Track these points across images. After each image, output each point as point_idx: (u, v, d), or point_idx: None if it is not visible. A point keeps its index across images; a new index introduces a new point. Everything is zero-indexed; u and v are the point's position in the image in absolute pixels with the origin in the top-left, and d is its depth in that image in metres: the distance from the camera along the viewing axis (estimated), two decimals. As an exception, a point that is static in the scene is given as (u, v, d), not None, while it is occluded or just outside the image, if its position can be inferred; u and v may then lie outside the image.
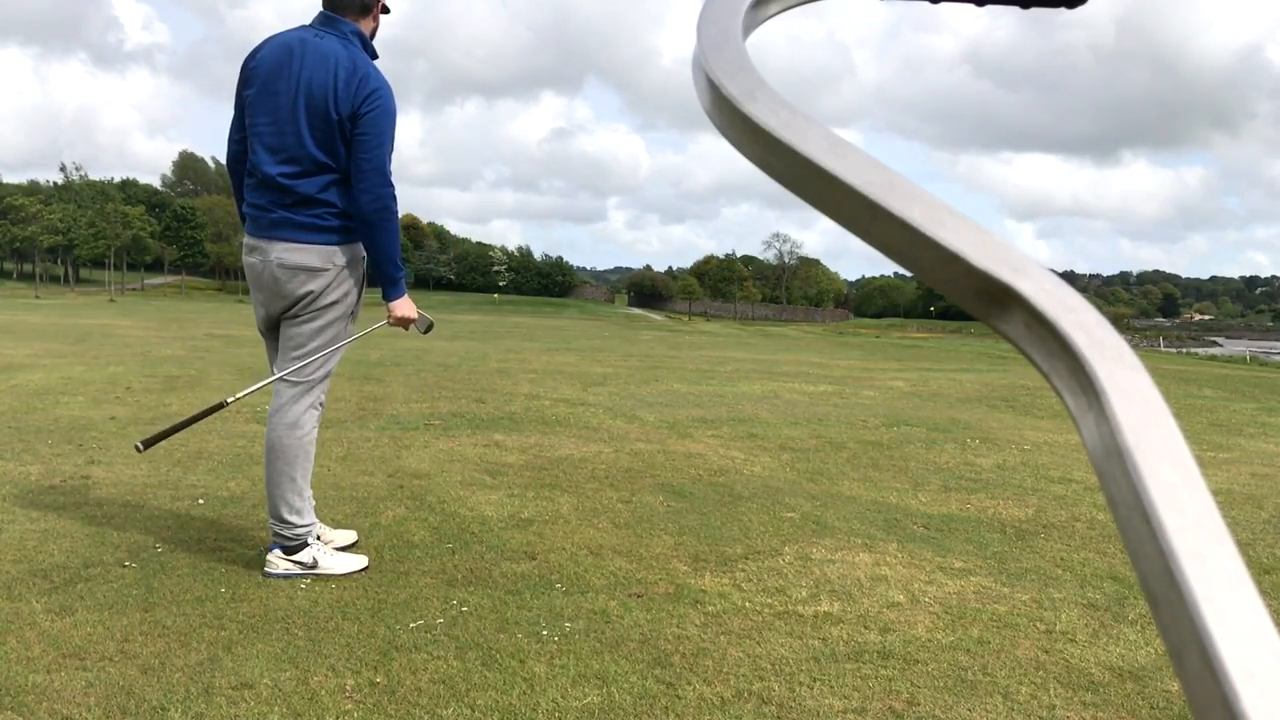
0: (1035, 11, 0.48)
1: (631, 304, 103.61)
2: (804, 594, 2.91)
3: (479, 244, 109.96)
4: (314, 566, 2.91)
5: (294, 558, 2.91)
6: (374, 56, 2.98)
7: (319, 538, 3.08)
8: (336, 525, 3.43)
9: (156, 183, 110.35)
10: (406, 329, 3.18)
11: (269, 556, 2.92)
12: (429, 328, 3.23)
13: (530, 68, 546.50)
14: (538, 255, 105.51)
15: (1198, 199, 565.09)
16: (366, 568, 2.98)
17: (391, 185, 2.87)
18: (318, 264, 2.88)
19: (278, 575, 2.88)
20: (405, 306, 3.10)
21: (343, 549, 3.15)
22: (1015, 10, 0.48)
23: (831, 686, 2.24)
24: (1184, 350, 54.18)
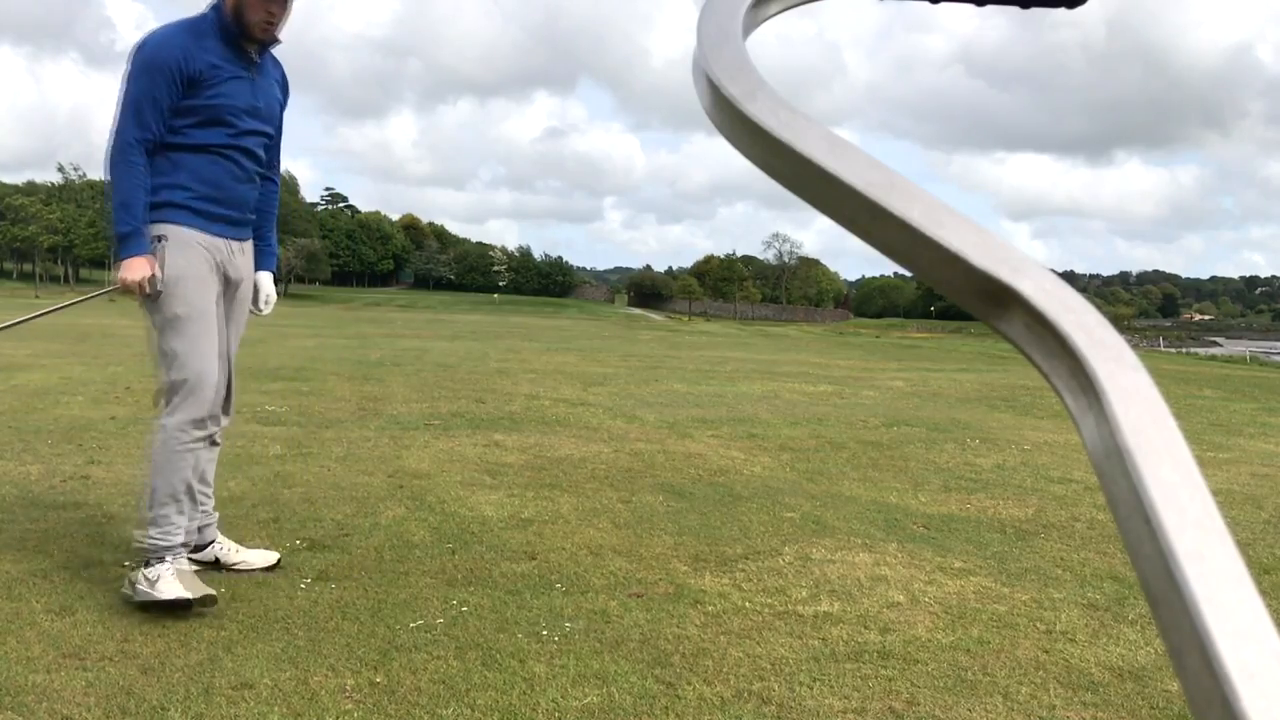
0: (1029, 11, 0.48)
1: (631, 304, 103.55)
2: (804, 594, 2.91)
3: (479, 244, 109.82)
4: (151, 585, 2.54)
5: (145, 570, 2.60)
6: (234, 34, 2.69)
7: (217, 559, 2.90)
8: (337, 526, 3.43)
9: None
10: (142, 296, 2.61)
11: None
12: (158, 296, 2.63)
13: (523, 68, 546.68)
14: (536, 255, 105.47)
15: (1193, 198, 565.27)
16: (190, 600, 2.51)
17: (122, 136, 2.63)
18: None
19: (126, 590, 2.60)
20: (129, 267, 2.58)
21: (268, 569, 2.92)
22: (1008, 10, 0.47)
23: (831, 686, 2.24)
24: (1184, 350, 54.12)
